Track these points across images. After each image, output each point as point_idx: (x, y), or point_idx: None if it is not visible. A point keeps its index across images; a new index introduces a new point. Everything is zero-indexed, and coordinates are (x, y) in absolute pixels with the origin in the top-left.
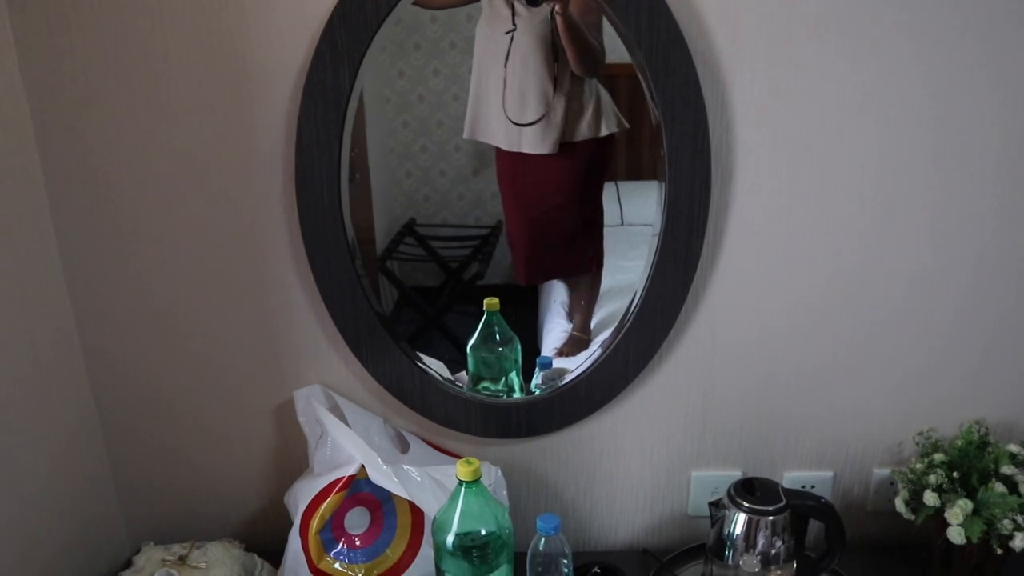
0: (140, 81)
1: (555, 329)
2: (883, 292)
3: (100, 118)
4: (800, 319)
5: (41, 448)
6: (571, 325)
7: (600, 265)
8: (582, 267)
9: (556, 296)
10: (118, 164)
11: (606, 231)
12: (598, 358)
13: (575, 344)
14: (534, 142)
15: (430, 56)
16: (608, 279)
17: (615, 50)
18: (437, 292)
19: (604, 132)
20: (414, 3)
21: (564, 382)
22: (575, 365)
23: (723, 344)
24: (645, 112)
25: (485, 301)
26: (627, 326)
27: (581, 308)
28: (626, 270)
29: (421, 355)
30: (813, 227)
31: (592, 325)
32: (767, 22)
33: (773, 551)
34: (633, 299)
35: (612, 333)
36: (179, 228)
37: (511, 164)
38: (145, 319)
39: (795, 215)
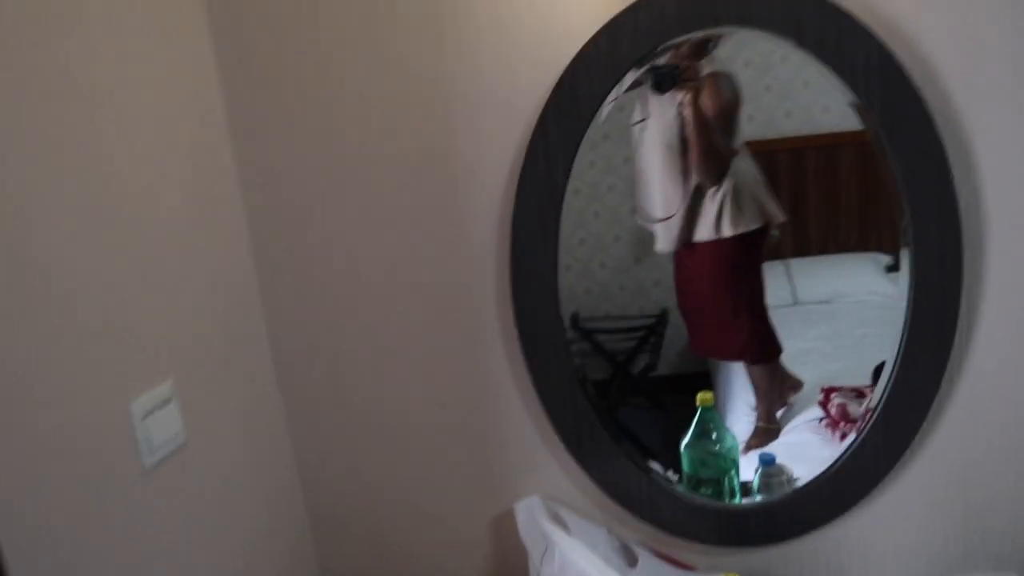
0: (350, 191)
1: (740, 420)
2: None
3: (313, 229)
4: None
5: (256, 564)
6: (755, 415)
7: (758, 357)
8: (733, 355)
9: (736, 385)
10: (331, 273)
11: (777, 312)
12: (844, 454)
13: (763, 435)
14: (661, 241)
15: (584, 150)
16: (787, 360)
17: (809, 120)
18: (606, 386)
19: (728, 233)
20: None
21: (804, 483)
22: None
23: (986, 431)
24: (809, 184)
25: (699, 396)
26: (874, 418)
27: (762, 398)
28: (807, 351)
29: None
30: None
31: (779, 414)
32: (1007, 73)
33: None
34: (880, 392)
35: (858, 427)
36: (391, 336)
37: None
38: (357, 430)
39: None
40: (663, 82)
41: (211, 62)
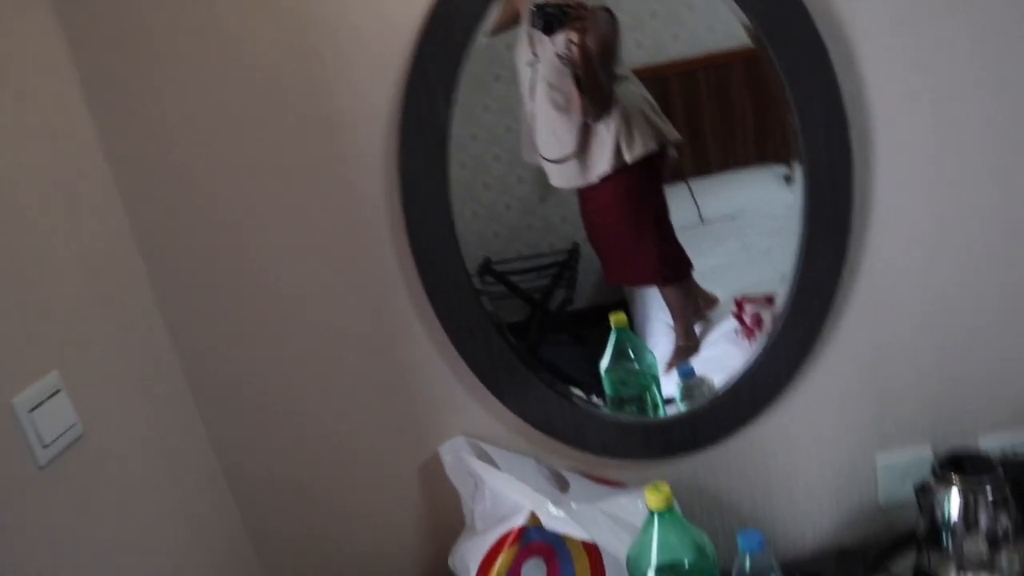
0: (230, 148)
1: (661, 341)
2: None
3: (194, 190)
4: (971, 273)
5: (177, 543)
6: (675, 334)
7: (671, 277)
8: (646, 279)
9: (653, 308)
10: (218, 234)
11: (685, 234)
12: (757, 356)
13: (684, 352)
14: (560, 178)
15: (477, 92)
16: (699, 278)
17: (696, 42)
18: (526, 325)
19: (628, 159)
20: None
21: (722, 389)
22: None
23: (889, 316)
24: (703, 105)
25: (612, 317)
26: (784, 316)
27: (679, 318)
28: (717, 268)
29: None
30: (969, 170)
31: (698, 331)
32: None
33: (1000, 529)
34: (786, 291)
35: (771, 326)
36: (293, 297)
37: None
38: (268, 393)
39: (947, 163)
40: (551, 23)
41: (55, 20)
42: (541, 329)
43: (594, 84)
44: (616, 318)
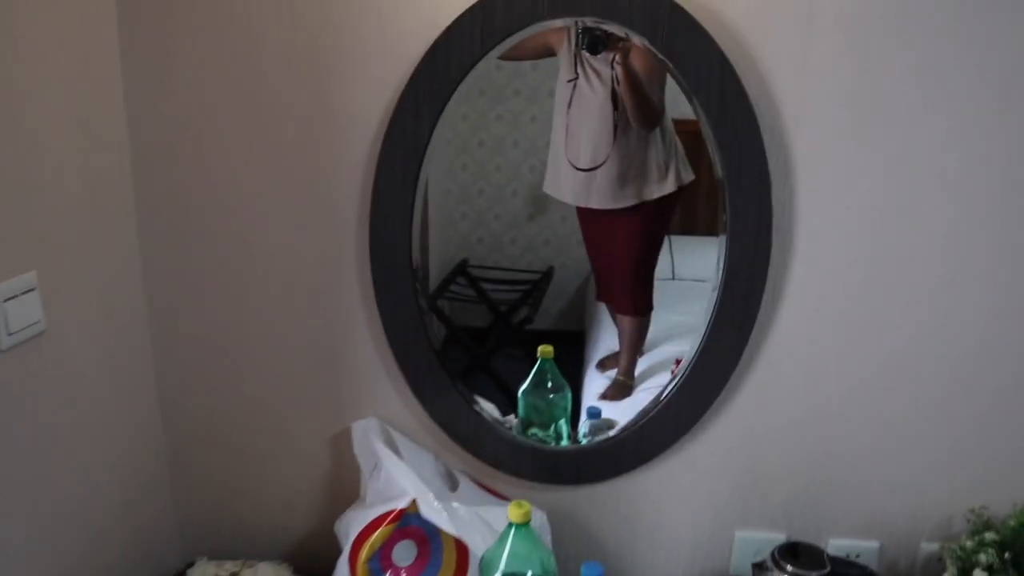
0: (233, 114)
1: (600, 375)
2: (938, 367)
3: (193, 144)
4: (855, 390)
5: (106, 451)
6: (615, 370)
7: (647, 310)
8: (632, 309)
9: (605, 341)
10: (206, 189)
11: (657, 284)
12: (649, 412)
13: (619, 389)
14: (603, 196)
15: (494, 102)
16: (656, 329)
17: (678, 106)
18: (485, 333)
19: (674, 186)
20: (500, 58)
21: (613, 433)
22: (619, 412)
23: (775, 409)
24: (702, 167)
25: (540, 348)
26: (680, 381)
27: (627, 353)
28: (676, 324)
29: (478, 397)
30: (870, 301)
31: (637, 372)
32: (834, 92)
33: None
34: (688, 356)
35: (665, 388)
36: (257, 254)
37: (584, 212)
38: (216, 345)
39: (852, 289)
40: (597, 43)
41: None
42: (499, 339)
43: (643, 97)
44: (543, 349)
